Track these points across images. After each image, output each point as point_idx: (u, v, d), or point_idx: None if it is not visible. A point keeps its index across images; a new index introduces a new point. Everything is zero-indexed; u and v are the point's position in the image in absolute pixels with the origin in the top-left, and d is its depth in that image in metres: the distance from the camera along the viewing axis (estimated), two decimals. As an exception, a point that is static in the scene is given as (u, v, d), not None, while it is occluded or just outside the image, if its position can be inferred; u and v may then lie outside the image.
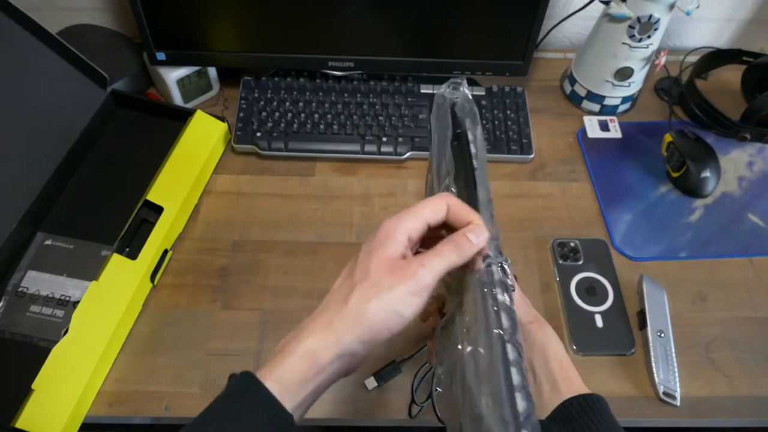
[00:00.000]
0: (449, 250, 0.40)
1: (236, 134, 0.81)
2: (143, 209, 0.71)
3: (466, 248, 0.40)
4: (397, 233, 0.40)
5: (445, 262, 0.39)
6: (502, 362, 0.38)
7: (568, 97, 0.91)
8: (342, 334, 0.38)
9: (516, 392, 0.37)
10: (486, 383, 0.38)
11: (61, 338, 0.59)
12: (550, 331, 0.50)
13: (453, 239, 0.41)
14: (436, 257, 0.39)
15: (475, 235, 0.41)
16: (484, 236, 0.41)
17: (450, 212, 0.42)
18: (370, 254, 0.40)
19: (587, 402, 0.45)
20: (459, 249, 0.40)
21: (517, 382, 0.37)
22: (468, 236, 0.40)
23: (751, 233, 0.77)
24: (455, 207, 0.42)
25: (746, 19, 0.97)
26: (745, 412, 0.64)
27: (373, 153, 0.81)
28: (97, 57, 0.78)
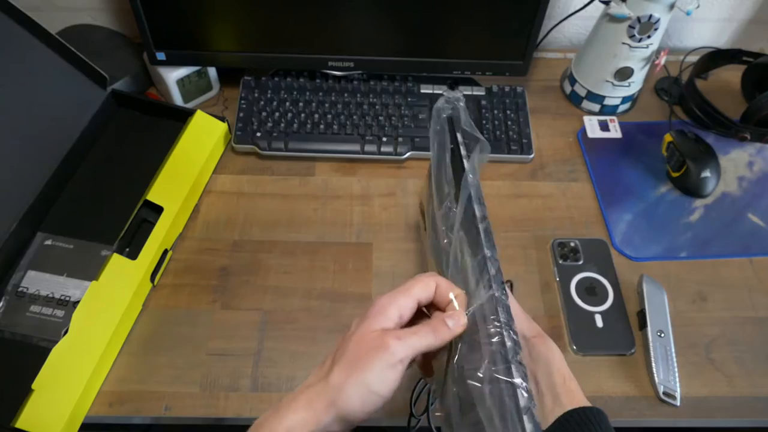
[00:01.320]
0: (426, 332, 0.41)
1: (236, 134, 0.81)
2: (143, 209, 0.71)
3: (443, 333, 0.41)
4: (389, 309, 0.41)
5: (422, 341, 0.41)
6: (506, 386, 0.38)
7: (568, 97, 0.91)
8: (321, 414, 0.39)
9: (523, 414, 0.37)
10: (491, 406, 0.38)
11: (61, 338, 0.59)
12: (553, 346, 0.51)
13: (431, 323, 0.42)
14: (413, 335, 0.40)
15: (453, 321, 0.42)
16: (461, 323, 0.42)
17: (437, 291, 0.43)
18: (354, 330, 0.41)
19: (587, 414, 0.46)
20: (436, 333, 0.41)
21: (523, 404, 0.37)
22: (447, 321, 0.42)
23: (751, 233, 0.77)
24: (442, 287, 0.43)
25: (746, 19, 0.97)
26: (745, 412, 0.64)
27: (373, 153, 0.81)
28: (97, 57, 0.78)
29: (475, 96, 0.87)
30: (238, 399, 0.62)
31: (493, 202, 0.79)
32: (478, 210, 0.47)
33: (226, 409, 0.62)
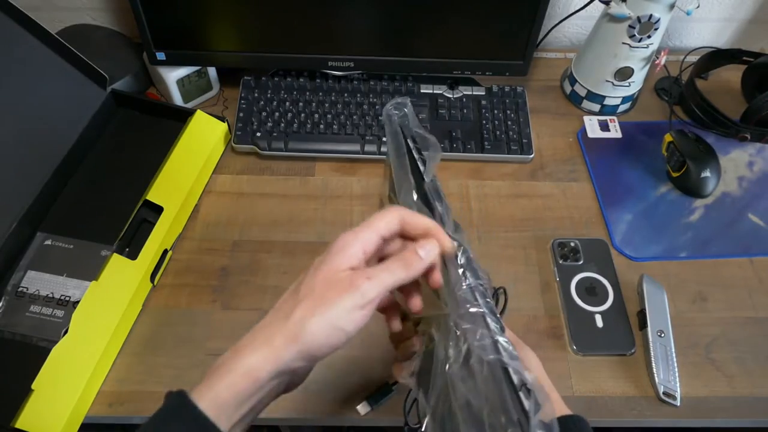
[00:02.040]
0: (398, 266, 0.39)
1: (236, 134, 0.81)
2: (143, 209, 0.70)
3: (416, 264, 0.40)
4: (352, 245, 0.39)
5: (393, 277, 0.39)
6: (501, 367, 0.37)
7: (568, 97, 0.91)
8: (282, 351, 0.37)
9: (519, 392, 0.36)
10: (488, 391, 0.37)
11: (61, 338, 0.59)
12: (530, 354, 0.50)
13: (402, 255, 0.40)
14: (383, 272, 0.39)
15: (425, 251, 0.40)
16: (434, 251, 0.40)
17: (405, 223, 0.41)
18: (318, 268, 0.39)
19: (567, 423, 0.45)
20: (407, 265, 0.40)
21: (517, 381, 0.37)
22: (418, 252, 0.40)
23: (751, 233, 0.77)
24: (408, 217, 0.41)
25: (746, 19, 0.97)
26: (745, 412, 0.64)
27: (373, 153, 0.81)
28: (97, 57, 0.78)
29: (475, 96, 0.87)
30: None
31: (493, 202, 0.79)
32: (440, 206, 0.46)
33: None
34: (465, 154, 0.81)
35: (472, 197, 0.79)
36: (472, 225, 0.76)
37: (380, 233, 0.40)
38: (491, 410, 0.37)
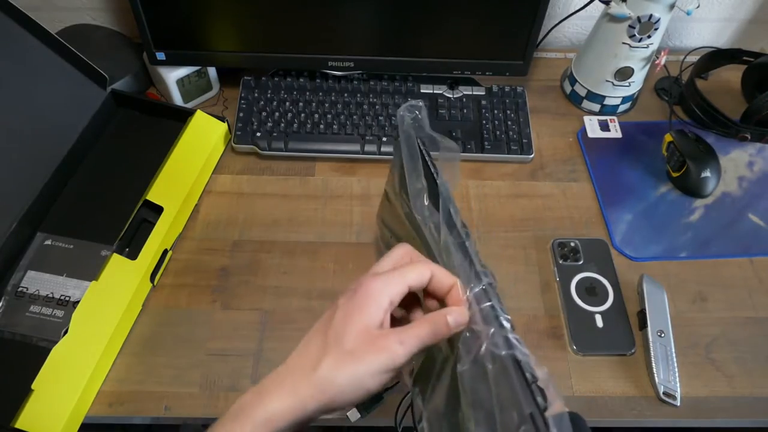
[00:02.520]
0: (427, 332, 0.39)
1: (236, 134, 0.81)
2: (143, 209, 0.70)
3: (444, 331, 0.40)
4: (381, 296, 0.39)
5: (421, 342, 0.39)
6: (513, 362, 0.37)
7: (568, 97, 0.91)
8: (307, 402, 0.37)
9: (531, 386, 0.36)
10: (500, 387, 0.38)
11: (61, 338, 0.59)
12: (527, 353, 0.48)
13: (433, 320, 0.40)
14: (414, 338, 0.39)
15: (454, 320, 0.40)
16: (463, 321, 0.40)
17: (435, 279, 0.41)
18: (348, 317, 0.38)
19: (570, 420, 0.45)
20: (437, 332, 0.39)
21: (529, 376, 0.37)
22: (448, 319, 0.40)
23: (751, 233, 0.77)
24: (438, 273, 0.41)
25: (746, 19, 0.97)
26: (745, 412, 0.64)
27: (373, 153, 0.81)
28: (97, 57, 0.78)
29: (475, 96, 0.87)
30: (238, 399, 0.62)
31: (493, 202, 0.79)
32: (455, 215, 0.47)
33: (226, 409, 0.61)
34: (465, 154, 0.81)
35: (472, 197, 0.79)
36: (472, 225, 0.76)
37: (409, 285, 0.40)
38: (503, 407, 0.37)
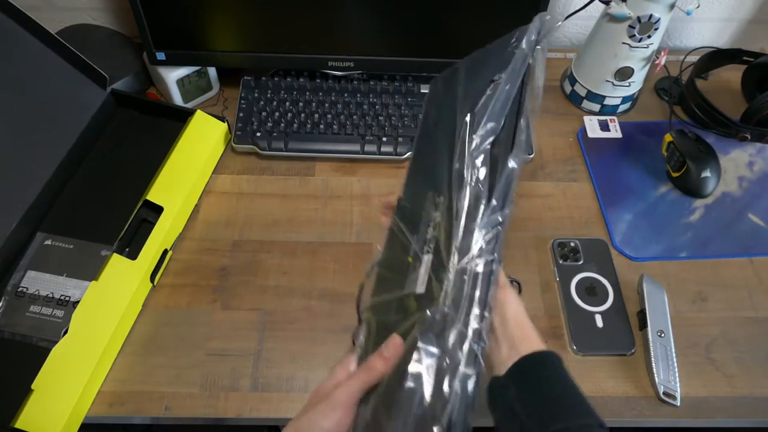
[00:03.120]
0: (364, 371, 0.46)
1: (236, 134, 0.81)
2: (143, 209, 0.70)
3: (380, 367, 0.45)
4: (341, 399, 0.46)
5: (359, 383, 0.45)
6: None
7: (568, 97, 0.91)
8: None
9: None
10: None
11: (61, 338, 0.59)
12: (509, 292, 0.50)
13: (367, 364, 0.46)
14: (351, 380, 0.45)
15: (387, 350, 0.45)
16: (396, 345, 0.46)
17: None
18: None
19: (540, 357, 0.47)
20: (372, 370, 0.45)
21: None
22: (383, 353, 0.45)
23: (751, 233, 0.77)
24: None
25: (746, 19, 0.97)
26: (745, 412, 0.64)
27: (373, 153, 0.81)
28: (97, 57, 0.78)
29: (475, 96, 0.87)
30: (238, 399, 0.62)
31: (493, 202, 0.79)
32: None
33: (226, 409, 0.62)
34: (465, 154, 0.81)
35: (472, 197, 0.79)
36: (472, 225, 0.76)
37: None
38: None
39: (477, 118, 0.50)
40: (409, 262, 0.50)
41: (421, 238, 0.50)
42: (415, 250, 0.50)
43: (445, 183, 0.50)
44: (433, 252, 0.49)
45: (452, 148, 0.50)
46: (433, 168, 0.53)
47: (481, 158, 0.49)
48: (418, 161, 0.57)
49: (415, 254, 0.50)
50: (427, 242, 0.50)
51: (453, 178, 0.49)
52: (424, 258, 0.49)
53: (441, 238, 0.48)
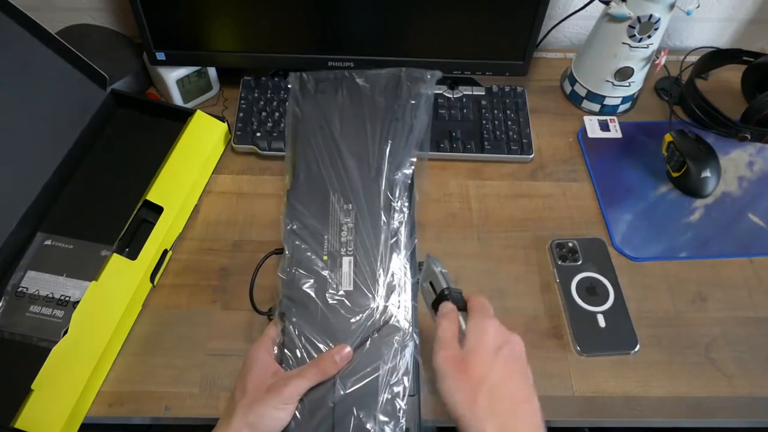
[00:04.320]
0: (314, 372, 0.50)
1: (236, 134, 0.81)
2: (143, 209, 0.70)
3: (331, 370, 0.50)
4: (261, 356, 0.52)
5: (309, 382, 0.49)
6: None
7: (568, 97, 0.91)
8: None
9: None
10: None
11: (61, 338, 0.59)
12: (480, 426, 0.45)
13: (319, 362, 0.50)
14: (300, 378, 0.49)
15: (339, 357, 0.50)
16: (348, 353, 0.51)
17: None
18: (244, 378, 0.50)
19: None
20: (323, 371, 0.50)
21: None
22: (334, 357, 0.50)
23: (751, 233, 0.77)
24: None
25: (746, 19, 0.97)
26: (745, 412, 0.64)
27: (372, 153, 0.81)
28: (97, 57, 0.78)
29: (475, 96, 0.87)
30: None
31: (493, 202, 0.79)
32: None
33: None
34: (465, 154, 0.81)
35: (472, 197, 0.79)
36: (472, 225, 0.76)
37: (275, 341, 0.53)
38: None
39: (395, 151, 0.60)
40: (326, 260, 0.56)
41: (334, 239, 0.56)
42: (331, 250, 0.56)
43: (357, 194, 0.58)
44: (353, 255, 0.56)
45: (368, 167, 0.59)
46: (333, 172, 0.59)
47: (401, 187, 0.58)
48: (306, 158, 0.60)
49: (332, 253, 0.56)
50: (343, 245, 0.56)
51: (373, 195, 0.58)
52: (344, 259, 0.55)
53: (359, 246, 0.56)
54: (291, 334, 0.53)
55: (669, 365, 0.66)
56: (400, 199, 0.58)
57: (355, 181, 0.58)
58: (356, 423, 0.50)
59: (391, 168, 0.59)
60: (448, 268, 0.73)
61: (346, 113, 0.62)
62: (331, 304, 0.54)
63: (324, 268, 0.55)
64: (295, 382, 0.49)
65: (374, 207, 0.57)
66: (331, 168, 0.59)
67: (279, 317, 0.54)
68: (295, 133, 0.62)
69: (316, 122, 0.61)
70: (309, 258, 0.56)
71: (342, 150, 0.60)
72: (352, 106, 0.62)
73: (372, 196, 0.58)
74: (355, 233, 0.56)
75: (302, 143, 0.61)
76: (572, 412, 0.63)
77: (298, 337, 0.53)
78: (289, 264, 0.56)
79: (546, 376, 0.65)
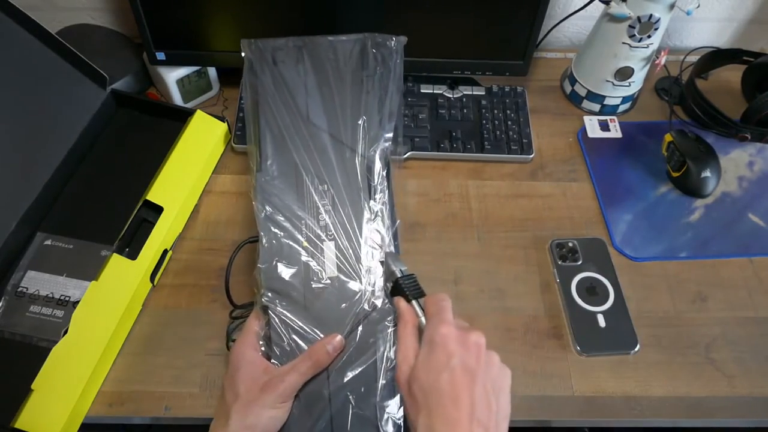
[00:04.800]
0: (308, 366, 0.49)
1: (236, 134, 0.81)
2: (143, 209, 0.70)
3: (325, 361, 0.50)
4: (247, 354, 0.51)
5: (303, 376, 0.49)
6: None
7: (568, 97, 0.91)
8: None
9: None
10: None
11: (61, 338, 0.59)
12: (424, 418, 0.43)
13: (311, 355, 0.49)
14: (294, 373, 0.49)
15: (332, 346, 0.50)
16: (340, 342, 0.50)
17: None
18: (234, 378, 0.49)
19: None
20: (317, 363, 0.49)
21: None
22: (327, 348, 0.49)
23: (751, 233, 0.77)
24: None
25: (746, 19, 0.97)
26: (745, 412, 0.64)
27: (373, 153, 0.81)
28: (97, 57, 0.78)
29: (475, 96, 0.87)
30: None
31: (493, 202, 0.79)
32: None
33: (226, 409, 0.61)
34: (465, 154, 0.81)
35: (472, 197, 0.79)
36: (472, 225, 0.76)
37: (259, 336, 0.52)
38: None
39: (369, 127, 0.56)
40: (306, 247, 0.53)
41: (313, 224, 0.54)
42: (310, 235, 0.53)
43: (332, 174, 0.54)
44: (334, 238, 0.53)
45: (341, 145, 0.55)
46: (305, 151, 0.55)
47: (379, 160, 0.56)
48: (272, 137, 0.56)
49: (311, 238, 0.53)
50: (323, 228, 0.53)
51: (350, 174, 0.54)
52: (325, 244, 0.53)
53: (339, 229, 0.53)
54: (277, 328, 0.51)
55: (669, 365, 0.66)
56: (378, 177, 0.55)
57: (329, 160, 0.55)
58: (355, 412, 0.48)
59: (366, 145, 0.55)
60: (448, 267, 0.73)
61: (311, 85, 0.57)
62: (317, 292, 0.51)
63: (305, 255, 0.53)
64: (290, 378, 0.48)
65: (352, 187, 0.54)
66: (301, 146, 0.55)
67: (262, 310, 0.52)
68: (255, 109, 0.57)
69: (279, 96, 0.57)
70: (288, 245, 0.53)
71: (311, 127, 0.56)
72: (316, 77, 0.58)
73: (349, 176, 0.54)
74: (334, 215, 0.53)
75: (266, 120, 0.56)
76: (572, 412, 0.63)
77: (284, 329, 0.51)
78: (268, 253, 0.53)
79: (546, 376, 0.65)
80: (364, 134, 0.56)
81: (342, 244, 0.53)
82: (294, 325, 0.51)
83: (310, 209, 0.54)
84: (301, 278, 0.52)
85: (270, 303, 0.52)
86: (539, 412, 0.63)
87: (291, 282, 0.52)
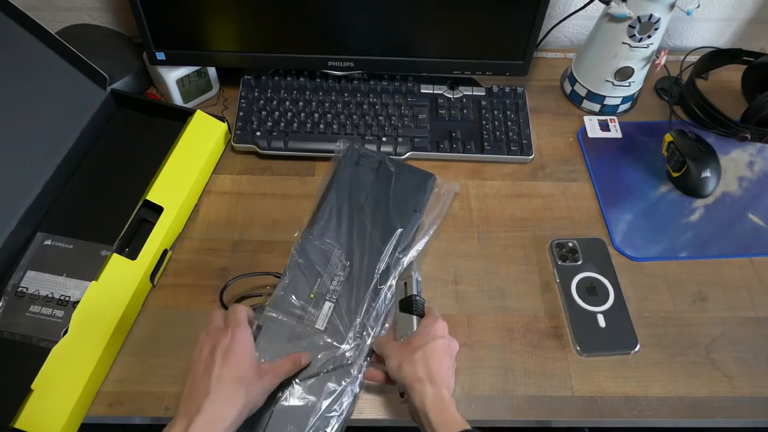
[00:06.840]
0: (290, 366, 0.59)
1: (236, 134, 0.81)
2: (143, 209, 0.70)
3: (304, 361, 0.61)
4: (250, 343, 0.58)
5: (286, 373, 0.59)
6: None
7: (568, 97, 0.91)
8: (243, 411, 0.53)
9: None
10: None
11: (61, 338, 0.59)
12: (425, 388, 0.55)
13: (293, 358, 0.60)
14: (282, 370, 0.58)
15: (305, 358, 0.61)
16: (307, 359, 0.62)
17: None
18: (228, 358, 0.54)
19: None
20: (296, 365, 0.60)
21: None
22: (302, 359, 0.61)
23: (751, 233, 0.77)
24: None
25: (747, 19, 0.97)
26: (745, 412, 0.64)
27: (373, 153, 0.81)
28: (97, 57, 0.78)
29: (475, 96, 0.87)
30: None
31: (493, 202, 0.79)
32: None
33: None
34: (465, 155, 0.81)
35: (472, 197, 0.79)
36: (472, 225, 0.76)
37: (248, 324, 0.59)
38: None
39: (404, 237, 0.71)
40: (311, 297, 0.65)
41: (325, 284, 0.66)
42: (319, 291, 0.66)
43: (358, 256, 0.69)
44: (335, 302, 0.65)
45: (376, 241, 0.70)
46: (347, 233, 0.70)
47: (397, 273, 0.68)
48: (329, 213, 0.72)
49: (319, 294, 0.66)
50: (330, 292, 0.66)
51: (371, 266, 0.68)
52: (326, 303, 0.65)
53: (343, 296, 0.66)
54: (261, 341, 0.62)
55: (669, 365, 0.66)
56: (391, 282, 0.67)
57: (361, 247, 0.69)
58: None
59: (394, 250, 0.69)
60: (448, 268, 0.73)
61: (374, 190, 0.74)
62: (301, 333, 0.64)
63: (308, 302, 0.65)
64: (281, 373, 0.58)
65: (368, 276, 0.67)
66: (345, 229, 0.70)
67: (256, 313, 0.64)
68: (329, 187, 0.74)
69: (349, 187, 0.74)
70: (302, 289, 0.66)
71: (361, 219, 0.71)
72: (379, 185, 0.75)
73: (370, 267, 0.68)
74: (344, 286, 0.67)
75: (331, 199, 0.73)
76: (572, 412, 0.63)
77: (270, 335, 0.63)
78: (285, 287, 0.66)
79: (546, 376, 0.65)
80: (397, 241, 0.70)
81: (338, 309, 0.65)
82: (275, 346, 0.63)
83: (329, 273, 0.67)
84: (296, 317, 0.64)
85: (264, 322, 0.63)
86: (539, 412, 0.63)
87: (290, 312, 0.65)
